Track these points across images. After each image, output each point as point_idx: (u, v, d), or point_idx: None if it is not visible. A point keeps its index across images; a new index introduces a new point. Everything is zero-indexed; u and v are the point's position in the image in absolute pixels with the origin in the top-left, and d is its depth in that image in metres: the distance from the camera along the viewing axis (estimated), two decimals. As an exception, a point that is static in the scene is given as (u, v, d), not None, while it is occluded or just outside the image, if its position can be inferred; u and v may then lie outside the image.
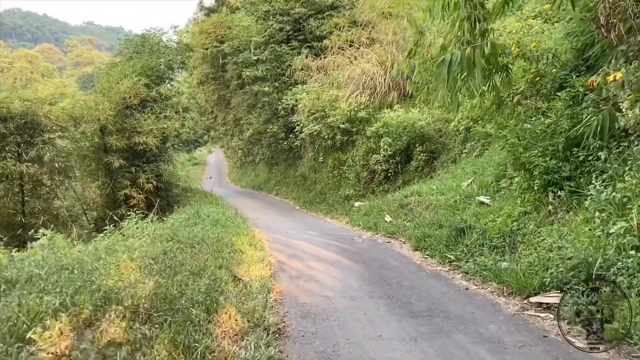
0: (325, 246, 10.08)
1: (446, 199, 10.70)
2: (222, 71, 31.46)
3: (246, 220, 13.92)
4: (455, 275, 7.51)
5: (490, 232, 8.12)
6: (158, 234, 8.66)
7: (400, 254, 9.21)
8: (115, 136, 16.44)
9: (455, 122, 14.49)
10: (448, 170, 13.85)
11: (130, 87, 16.72)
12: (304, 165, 22.32)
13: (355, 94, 17.79)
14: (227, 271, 6.91)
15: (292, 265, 8.31)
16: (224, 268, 7.05)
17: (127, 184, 16.95)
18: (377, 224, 12.13)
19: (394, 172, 15.65)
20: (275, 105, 22.81)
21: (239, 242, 9.47)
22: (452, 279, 7.30)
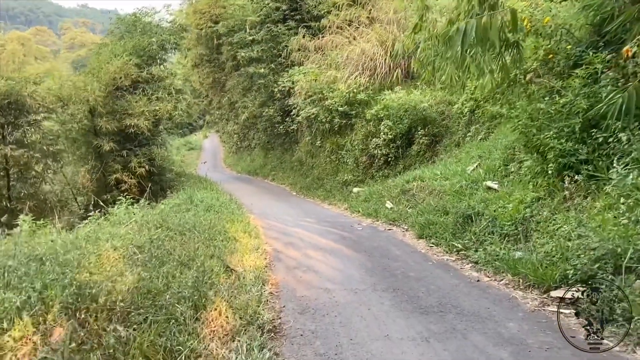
0: (324, 234, 9.56)
1: (451, 184, 10.16)
2: (217, 53, 30.63)
3: (241, 207, 13.39)
4: (464, 265, 7.01)
5: (501, 219, 7.60)
6: (146, 221, 8.10)
7: (403, 242, 8.69)
8: (105, 118, 15.83)
9: (459, 104, 13.91)
10: (451, 154, 13.31)
11: (120, 67, 16.06)
12: (301, 150, 21.71)
13: (355, 75, 17.14)
14: (219, 261, 6.38)
15: (289, 254, 7.79)
16: (215, 258, 6.53)
17: (118, 168, 16.40)
18: (378, 210, 11.61)
19: (394, 157, 15.08)
20: (271, 88, 22.13)
21: (232, 229, 8.94)
22: (461, 270, 6.79)
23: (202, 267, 5.85)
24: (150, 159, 17.44)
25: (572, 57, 8.41)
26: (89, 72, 16.60)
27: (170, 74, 19.93)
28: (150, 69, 17.33)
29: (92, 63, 16.97)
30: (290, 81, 20.12)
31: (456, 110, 14.03)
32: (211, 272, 5.79)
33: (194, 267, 5.80)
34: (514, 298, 5.35)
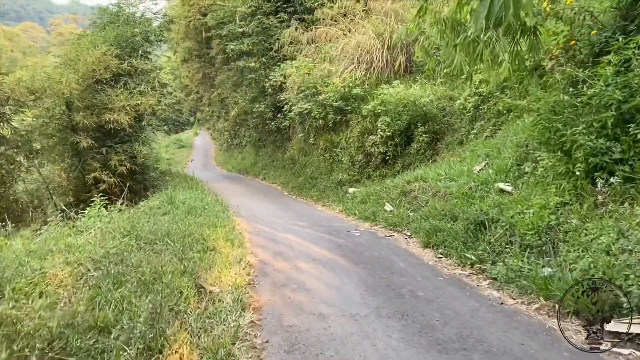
0: (317, 240, 8.53)
1: (458, 185, 9.15)
2: (206, 48, 29.59)
3: (227, 208, 12.34)
4: (480, 282, 6.01)
5: (521, 228, 6.60)
6: (112, 228, 7.05)
7: (407, 251, 7.67)
8: (83, 113, 14.70)
9: (462, 100, 12.92)
10: (454, 153, 12.33)
11: (99, 58, 14.92)
12: (293, 148, 20.65)
13: (350, 68, 16.11)
14: (190, 279, 5.33)
15: (276, 267, 6.74)
16: (187, 274, 5.47)
17: (96, 167, 15.26)
18: (376, 213, 10.59)
19: (392, 155, 14.07)
20: (262, 83, 21.08)
21: (213, 236, 7.89)
22: (478, 288, 5.78)
23: (168, 288, 4.81)
24: (131, 156, 16.32)
25: (597, 43, 7.46)
26: (64, 64, 15.43)
27: (155, 68, 18.81)
28: (131, 60, 16.16)
29: (69, 54, 15.80)
30: (282, 75, 19.08)
31: (458, 106, 13.05)
32: (179, 295, 4.75)
33: (159, 288, 4.76)
34: (551, 329, 4.34)
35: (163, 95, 17.79)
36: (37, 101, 13.86)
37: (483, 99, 12.23)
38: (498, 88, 11.50)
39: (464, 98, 12.88)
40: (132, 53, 17.48)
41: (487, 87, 11.97)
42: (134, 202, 13.24)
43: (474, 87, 12.43)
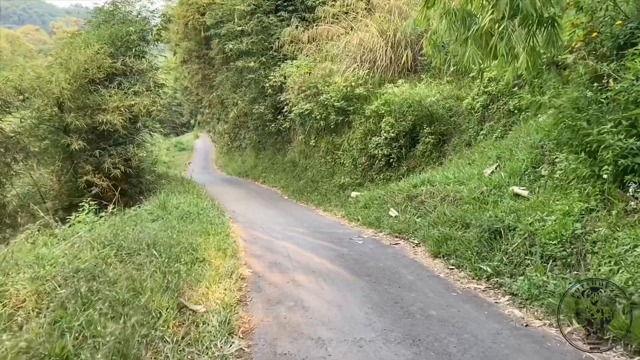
0: (318, 249, 7.90)
1: (469, 189, 8.52)
2: (206, 48, 29.08)
3: (223, 214, 11.73)
4: (499, 298, 5.38)
5: (542, 237, 5.97)
6: (92, 237, 6.42)
7: (415, 262, 7.03)
8: (74, 114, 14.08)
9: (470, 99, 12.30)
10: (462, 155, 11.69)
11: (91, 57, 14.32)
12: (294, 150, 20.03)
13: (353, 67, 15.50)
14: (173, 297, 4.71)
15: (272, 281, 6.11)
16: (170, 291, 4.85)
17: (89, 170, 14.64)
18: (380, 219, 9.97)
19: (397, 158, 13.44)
20: (261, 83, 20.47)
21: (205, 245, 7.27)
22: (497, 305, 5.15)
23: (145, 309, 4.19)
24: (126, 159, 15.70)
25: (621, 35, 6.86)
26: (55, 63, 14.84)
27: (151, 67, 18.20)
28: (125, 59, 15.54)
29: (60, 53, 15.20)
30: (282, 75, 18.49)
31: (466, 105, 12.42)
32: (157, 317, 4.13)
33: (134, 308, 4.14)
34: (590, 360, 3.72)
35: (159, 96, 17.15)
36: (26, 101, 13.24)
37: (492, 98, 11.62)
38: (509, 87, 10.91)
39: (471, 97, 12.26)
40: (127, 52, 16.89)
41: (496, 85, 11.38)
42: (129, 207, 12.67)
43: (482, 86, 11.82)
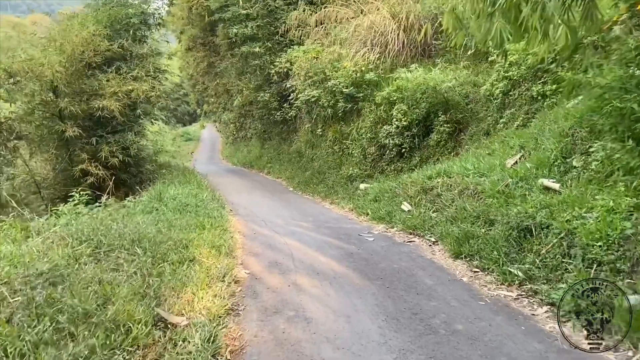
0: (323, 247, 7.12)
1: (491, 182, 7.69)
2: (211, 35, 28.27)
3: (223, 206, 10.98)
4: (535, 309, 4.58)
5: (583, 237, 5.15)
6: (70, 231, 5.68)
7: (433, 263, 6.23)
8: (68, 99, 13.36)
9: (488, 85, 11.41)
10: (480, 144, 10.86)
11: (86, 39, 13.56)
12: (300, 140, 19.21)
13: (362, 52, 14.63)
14: (150, 306, 3.95)
15: (270, 284, 5.34)
16: (148, 299, 4.10)
17: (84, 158, 13.92)
18: (392, 213, 9.17)
19: (409, 148, 12.59)
20: (267, 70, 19.62)
21: (198, 241, 6.51)
22: (534, 318, 4.36)
23: (112, 323, 3.44)
24: (124, 147, 14.96)
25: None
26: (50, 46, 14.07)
27: (152, 52, 17.39)
28: (122, 42, 14.74)
29: (54, 36, 14.42)
30: (288, 62, 17.65)
31: (484, 92, 11.53)
32: (124, 335, 3.37)
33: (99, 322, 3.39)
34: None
35: (159, 82, 16.38)
36: (17, 85, 12.52)
37: (513, 84, 10.73)
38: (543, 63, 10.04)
39: (490, 83, 11.37)
40: (125, 35, 16.09)
41: (518, 70, 10.50)
42: (129, 197, 12.02)
43: (502, 71, 10.94)
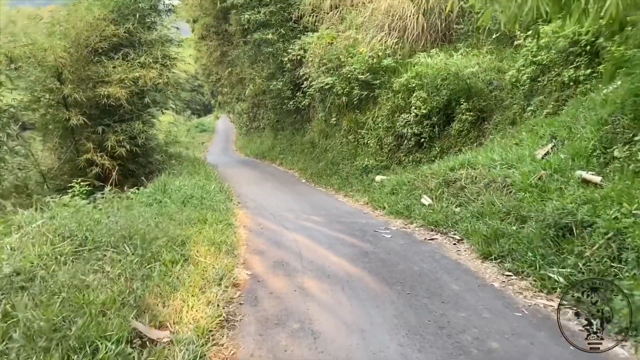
0: (335, 244, 6.46)
1: (522, 174, 6.96)
2: (224, 23, 27.68)
3: (231, 198, 10.38)
4: (584, 322, 3.88)
5: (636, 238, 4.44)
6: (53, 226, 5.09)
7: (459, 264, 5.54)
8: (72, 86, 12.83)
9: (514, 71, 10.61)
10: (505, 134, 10.11)
11: (91, 23, 13.00)
12: (313, 130, 18.52)
13: (379, 37, 13.88)
14: (128, 318, 3.34)
15: (274, 288, 4.71)
16: (127, 308, 3.48)
17: (89, 147, 13.41)
18: (411, 207, 8.49)
19: (428, 137, 11.85)
20: (280, 58, 18.95)
21: (197, 237, 5.90)
22: (581, 333, 3.67)
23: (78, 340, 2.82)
24: (132, 137, 14.42)
25: None
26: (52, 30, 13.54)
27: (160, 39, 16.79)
28: (129, 27, 14.13)
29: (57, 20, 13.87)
30: (302, 49, 16.95)
31: (510, 78, 10.73)
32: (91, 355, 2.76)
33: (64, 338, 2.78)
34: None
35: (167, 68, 15.79)
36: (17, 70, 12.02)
37: (542, 69, 9.94)
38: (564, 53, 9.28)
39: (516, 69, 10.58)
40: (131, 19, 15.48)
41: (547, 54, 9.70)
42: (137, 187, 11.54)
43: (530, 55, 10.15)
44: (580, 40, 8.87)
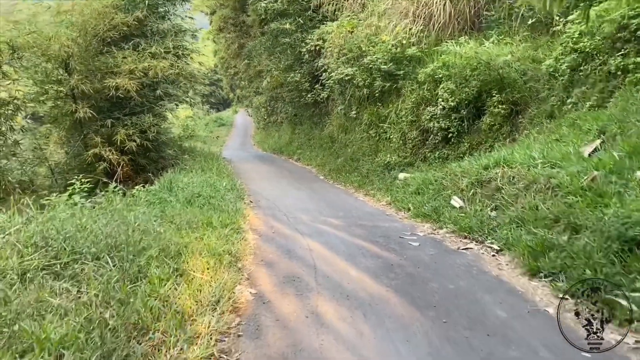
0: (355, 254, 5.65)
1: (570, 174, 6.06)
2: (242, 13, 27.09)
3: (242, 197, 9.64)
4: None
5: None
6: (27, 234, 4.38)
7: (502, 282, 4.67)
8: (78, 76, 12.21)
9: (552, 61, 9.64)
10: (542, 129, 9.18)
11: (98, 11, 12.36)
12: (332, 124, 17.69)
13: (403, 24, 12.98)
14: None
15: (281, 313, 3.92)
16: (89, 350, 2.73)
17: (97, 142, 12.79)
18: (439, 210, 7.64)
19: (456, 132, 10.94)
20: (298, 49, 18.16)
21: (197, 245, 5.14)
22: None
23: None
24: (142, 131, 13.76)
25: None
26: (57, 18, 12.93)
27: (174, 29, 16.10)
28: (137, 14, 13.42)
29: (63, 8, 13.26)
30: (320, 39, 16.13)
31: (547, 68, 9.75)
32: None
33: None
34: None
35: (179, 58, 15.10)
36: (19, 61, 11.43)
37: (585, 58, 8.95)
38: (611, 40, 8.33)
39: (554, 58, 9.60)
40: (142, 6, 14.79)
41: (591, 41, 8.74)
42: (148, 183, 10.91)
43: (571, 42, 9.17)
44: (629, 25, 7.94)
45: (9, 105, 11.98)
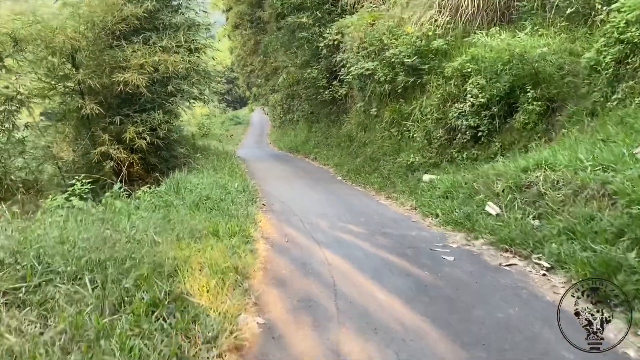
0: (382, 270, 4.89)
1: (630, 179, 5.22)
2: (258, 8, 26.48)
3: (255, 199, 8.94)
4: None
5: None
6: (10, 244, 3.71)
7: (562, 311, 3.89)
8: (85, 71, 11.64)
9: (593, 53, 8.75)
10: (583, 127, 8.31)
11: (107, 2, 11.76)
12: (351, 122, 16.91)
13: (429, 15, 12.16)
14: None
15: (294, 354, 3.17)
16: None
17: (105, 139, 12.21)
18: (472, 217, 6.84)
19: (487, 131, 10.09)
20: (315, 43, 17.43)
21: (198, 259, 4.43)
22: None
23: None
24: (153, 128, 13.14)
25: None
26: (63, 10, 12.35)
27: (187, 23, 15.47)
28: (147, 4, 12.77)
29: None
30: (339, 32, 15.38)
31: (587, 61, 8.85)
32: None
33: None
34: None
35: (197, 56, 14.48)
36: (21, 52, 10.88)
37: (632, 49, 8.06)
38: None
39: (596, 50, 8.71)
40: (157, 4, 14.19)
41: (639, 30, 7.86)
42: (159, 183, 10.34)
43: (616, 32, 8.29)
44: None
45: (12, 100, 11.45)
